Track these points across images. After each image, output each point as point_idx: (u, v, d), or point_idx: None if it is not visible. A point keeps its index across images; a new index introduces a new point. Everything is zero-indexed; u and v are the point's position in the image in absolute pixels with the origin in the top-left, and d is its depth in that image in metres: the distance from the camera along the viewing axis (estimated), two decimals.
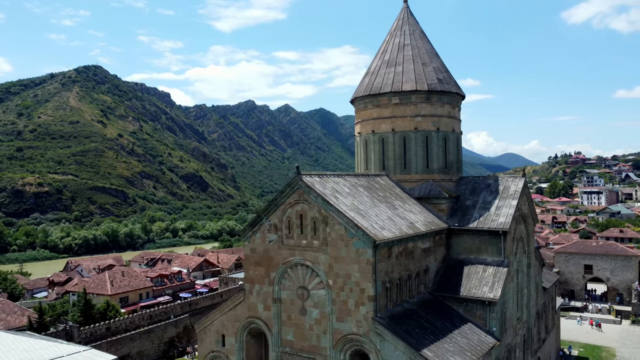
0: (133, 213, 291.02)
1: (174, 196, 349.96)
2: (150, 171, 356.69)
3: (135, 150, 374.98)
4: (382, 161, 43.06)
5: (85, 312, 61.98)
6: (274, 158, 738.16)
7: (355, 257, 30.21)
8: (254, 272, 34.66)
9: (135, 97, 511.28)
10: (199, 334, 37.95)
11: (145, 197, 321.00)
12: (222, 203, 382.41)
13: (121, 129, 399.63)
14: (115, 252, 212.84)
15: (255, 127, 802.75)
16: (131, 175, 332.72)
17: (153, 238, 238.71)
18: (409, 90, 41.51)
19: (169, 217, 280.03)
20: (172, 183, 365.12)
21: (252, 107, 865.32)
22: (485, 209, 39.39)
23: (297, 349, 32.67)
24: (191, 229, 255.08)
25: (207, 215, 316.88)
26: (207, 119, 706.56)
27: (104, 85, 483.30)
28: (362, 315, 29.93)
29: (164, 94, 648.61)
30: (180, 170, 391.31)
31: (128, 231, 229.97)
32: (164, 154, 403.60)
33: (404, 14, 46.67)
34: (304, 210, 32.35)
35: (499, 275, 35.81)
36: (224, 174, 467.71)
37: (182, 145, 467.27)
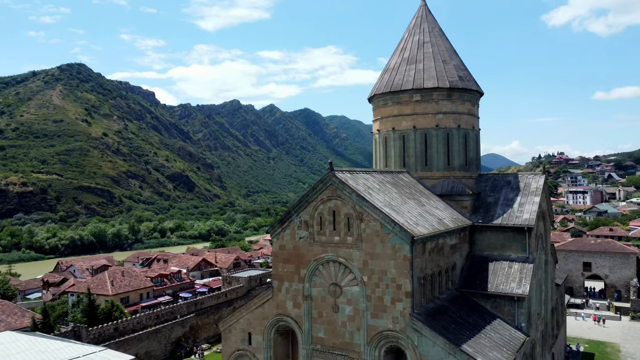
0: (119, 213, 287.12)
1: (161, 196, 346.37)
2: (136, 171, 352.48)
3: (121, 149, 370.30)
4: (403, 158, 43.03)
5: (90, 313, 60.83)
6: (260, 158, 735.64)
7: (392, 253, 30.07)
8: (282, 269, 34.31)
9: (119, 95, 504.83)
10: (224, 333, 37.46)
11: (131, 197, 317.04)
12: (209, 203, 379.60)
13: (106, 128, 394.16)
14: (103, 253, 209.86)
15: (240, 126, 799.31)
16: (117, 174, 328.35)
17: (141, 238, 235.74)
18: (431, 88, 41.54)
19: (157, 217, 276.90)
20: (159, 183, 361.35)
21: (237, 107, 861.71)
22: (508, 206, 39.62)
23: (329, 346, 32.42)
24: (179, 229, 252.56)
25: (194, 215, 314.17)
26: (192, 118, 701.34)
27: (88, 83, 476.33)
28: (399, 312, 29.80)
29: (148, 93, 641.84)
30: (166, 170, 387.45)
31: (115, 231, 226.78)
32: (149, 154, 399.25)
33: (422, 12, 46.70)
34: (337, 206, 32.12)
35: (525, 271, 36.03)
36: (210, 173, 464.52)
37: (168, 145, 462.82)
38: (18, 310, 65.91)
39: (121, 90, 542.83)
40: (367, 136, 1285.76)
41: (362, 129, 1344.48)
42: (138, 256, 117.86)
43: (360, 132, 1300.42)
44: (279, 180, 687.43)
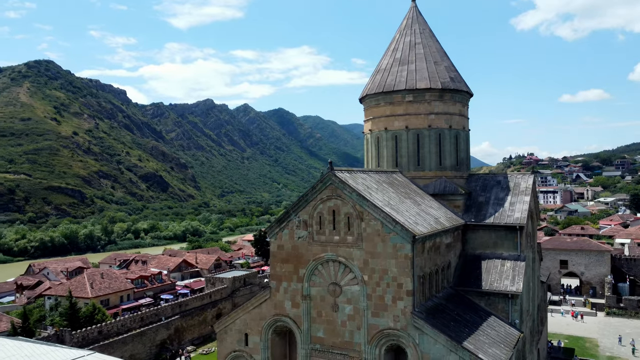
0: (91, 214, 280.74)
1: (134, 196, 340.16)
2: (107, 170, 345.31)
3: (92, 148, 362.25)
4: (395, 158, 43.38)
5: (71, 316, 59.34)
6: (234, 158, 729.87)
7: (393, 253, 30.30)
8: (280, 269, 34.17)
9: (90, 93, 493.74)
10: (219, 334, 37.06)
11: (103, 198, 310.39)
12: (183, 203, 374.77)
13: (76, 126, 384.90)
14: (75, 255, 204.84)
15: (214, 126, 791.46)
16: (88, 174, 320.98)
17: (114, 239, 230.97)
18: (423, 88, 42.01)
19: (130, 217, 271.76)
20: (131, 183, 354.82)
21: (211, 106, 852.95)
22: (499, 205, 40.39)
23: (329, 346, 32.44)
24: (154, 229, 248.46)
25: (168, 215, 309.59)
26: (164, 117, 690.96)
27: (57, 81, 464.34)
28: (400, 310, 30.05)
29: (119, 91, 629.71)
30: (139, 169, 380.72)
31: (88, 232, 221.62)
32: (121, 153, 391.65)
33: (413, 13, 47.20)
34: (337, 205, 32.19)
35: (517, 269, 36.80)
36: (184, 173, 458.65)
37: (140, 144, 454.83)
38: None
39: (91, 88, 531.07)
40: (341, 136, 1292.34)
41: (336, 129, 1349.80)
42: (115, 257, 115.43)
43: (334, 133, 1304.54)
44: (254, 181, 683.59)
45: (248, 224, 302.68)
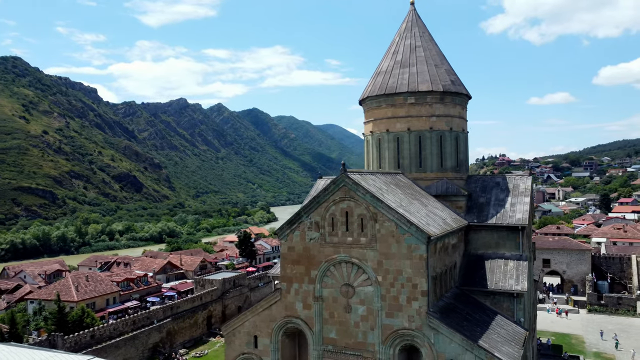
0: (63, 215, 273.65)
1: (107, 197, 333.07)
2: (79, 170, 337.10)
3: (63, 148, 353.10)
4: (397, 159, 43.83)
5: (60, 320, 57.89)
6: (208, 158, 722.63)
7: (407, 253, 30.64)
8: (291, 270, 34.14)
9: (59, 91, 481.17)
10: (227, 337, 36.80)
11: (75, 198, 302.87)
12: (158, 204, 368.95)
13: (46, 125, 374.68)
14: (48, 257, 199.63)
15: (187, 126, 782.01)
16: (59, 174, 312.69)
17: (88, 241, 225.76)
18: (425, 91, 42.57)
19: (104, 219, 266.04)
20: (104, 183, 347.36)
21: (185, 106, 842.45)
22: (500, 206, 41.25)
23: (341, 347, 32.59)
24: (129, 231, 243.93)
25: (143, 216, 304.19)
26: (136, 116, 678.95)
27: (25, 78, 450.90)
28: (415, 310, 30.41)
29: (90, 90, 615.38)
30: (112, 169, 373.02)
31: (61, 234, 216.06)
32: (93, 153, 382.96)
33: (412, 16, 47.74)
34: (350, 207, 32.36)
35: (520, 268, 37.69)
36: (157, 173, 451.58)
37: (113, 144, 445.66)
38: None
39: (61, 86, 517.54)
40: (315, 137, 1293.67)
41: (311, 129, 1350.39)
42: (95, 260, 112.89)
43: (308, 133, 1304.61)
44: (228, 181, 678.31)
45: (225, 225, 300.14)
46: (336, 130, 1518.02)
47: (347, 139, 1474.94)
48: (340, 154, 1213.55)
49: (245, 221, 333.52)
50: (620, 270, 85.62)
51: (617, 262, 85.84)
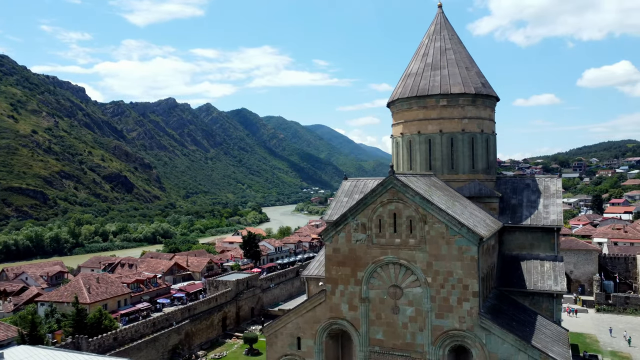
0: (54, 216, 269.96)
1: (98, 197, 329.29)
2: (70, 171, 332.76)
3: (53, 148, 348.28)
4: (429, 161, 44.09)
5: (79, 323, 57.23)
6: (197, 158, 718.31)
7: (458, 255, 30.89)
8: (336, 272, 34.23)
9: (47, 90, 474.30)
10: (269, 338, 36.73)
11: (66, 199, 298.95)
12: (149, 204, 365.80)
13: (35, 124, 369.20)
14: (41, 258, 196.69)
15: (176, 126, 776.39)
16: (49, 175, 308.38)
17: (82, 242, 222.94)
18: (457, 93, 42.90)
19: (97, 219, 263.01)
20: (95, 184, 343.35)
21: (173, 105, 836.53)
22: (533, 208, 41.73)
23: (389, 348, 32.74)
24: (123, 231, 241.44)
25: (135, 217, 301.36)
26: (125, 116, 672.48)
27: (12, 76, 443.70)
28: (466, 311, 30.67)
29: (78, 89, 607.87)
30: (102, 170, 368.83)
31: (54, 235, 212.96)
32: (83, 153, 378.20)
33: (440, 19, 48.06)
34: (399, 209, 32.53)
35: (557, 269, 38.19)
36: (148, 174, 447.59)
37: (102, 144, 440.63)
38: None
39: (49, 85, 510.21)
40: (304, 137, 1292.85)
41: (300, 130, 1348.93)
42: (99, 261, 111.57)
43: (297, 133, 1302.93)
44: (218, 181, 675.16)
45: (218, 226, 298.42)
46: (325, 131, 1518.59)
47: (335, 140, 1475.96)
48: (329, 154, 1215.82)
49: (238, 222, 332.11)
50: (625, 270, 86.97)
51: (623, 262, 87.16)
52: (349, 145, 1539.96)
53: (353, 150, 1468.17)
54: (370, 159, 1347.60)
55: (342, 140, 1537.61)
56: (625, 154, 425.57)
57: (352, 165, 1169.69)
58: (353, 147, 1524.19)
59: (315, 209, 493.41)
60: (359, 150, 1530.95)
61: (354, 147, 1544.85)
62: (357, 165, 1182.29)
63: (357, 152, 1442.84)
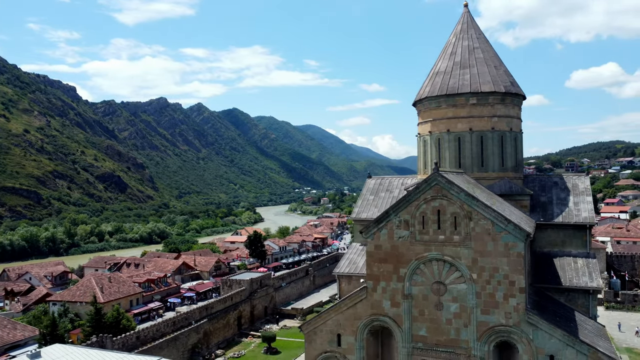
0: (49, 216, 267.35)
1: (91, 197, 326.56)
2: (63, 170, 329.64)
3: (45, 147, 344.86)
4: (458, 159, 44.33)
5: (98, 322, 56.81)
6: (189, 158, 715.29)
7: (504, 251, 31.14)
8: (378, 269, 34.32)
9: (38, 89, 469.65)
10: (308, 335, 36.71)
11: (60, 199, 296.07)
12: (143, 204, 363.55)
13: (27, 124, 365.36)
14: (36, 259, 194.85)
15: (168, 125, 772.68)
16: (42, 174, 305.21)
17: (78, 242, 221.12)
18: (488, 92, 43.13)
19: (93, 219, 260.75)
20: (88, 183, 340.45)
21: (165, 105, 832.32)
22: (564, 205, 42.12)
23: (432, 344, 32.90)
24: (119, 232, 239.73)
25: (130, 217, 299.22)
26: (116, 115, 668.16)
27: (3, 75, 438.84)
28: (512, 307, 30.90)
29: (68, 88, 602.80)
30: (95, 169, 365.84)
31: (50, 235, 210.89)
32: (76, 152, 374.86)
33: (466, 18, 48.37)
34: (443, 205, 32.71)
35: (591, 266, 38.56)
36: (141, 174, 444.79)
37: (95, 143, 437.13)
38: (7, 322, 60.52)
39: (39, 84, 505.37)
40: (295, 137, 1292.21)
41: (291, 130, 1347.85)
42: (105, 261, 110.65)
43: (288, 133, 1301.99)
44: (210, 181, 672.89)
45: (214, 226, 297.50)
46: (315, 131, 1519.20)
47: (326, 140, 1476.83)
48: (320, 154, 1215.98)
49: (233, 222, 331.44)
50: (632, 268, 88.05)
51: (629, 261, 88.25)
52: (340, 145, 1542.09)
53: (344, 150, 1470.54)
54: (362, 159, 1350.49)
55: (333, 141, 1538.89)
56: (617, 154, 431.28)
57: (343, 165, 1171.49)
58: (344, 148, 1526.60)
59: (308, 209, 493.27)
60: (350, 150, 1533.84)
61: (344, 147, 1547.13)
62: (349, 165, 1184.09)
63: (348, 153, 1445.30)
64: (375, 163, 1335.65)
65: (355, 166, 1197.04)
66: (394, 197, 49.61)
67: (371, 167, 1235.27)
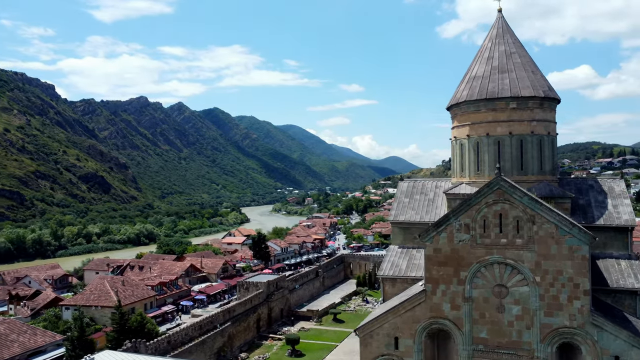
0: (32, 217, 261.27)
1: (75, 198, 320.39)
2: (45, 170, 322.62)
3: (26, 147, 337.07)
4: (498, 163, 44.85)
5: (122, 327, 55.96)
6: (171, 158, 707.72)
7: (569, 254, 31.74)
8: (437, 272, 34.62)
9: (17, 87, 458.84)
10: (363, 338, 36.78)
11: (43, 199, 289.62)
12: (127, 205, 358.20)
13: (6, 123, 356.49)
14: (23, 261, 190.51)
15: (149, 125, 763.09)
16: (24, 175, 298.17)
17: (65, 244, 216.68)
18: (527, 96, 43.80)
19: (79, 221, 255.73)
20: (72, 184, 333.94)
21: (145, 104, 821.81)
22: (603, 208, 42.99)
23: (493, 346, 33.32)
24: (106, 233, 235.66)
25: (116, 218, 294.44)
26: (96, 115, 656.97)
27: None
28: (576, 309, 31.55)
29: (47, 86, 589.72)
30: (78, 170, 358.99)
31: (36, 237, 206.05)
32: (58, 152, 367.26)
33: (501, 23, 49.01)
34: (505, 209, 33.18)
35: (634, 267, 39.41)
36: (124, 174, 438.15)
37: (76, 143, 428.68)
38: (27, 328, 59.19)
39: (18, 82, 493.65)
40: (276, 137, 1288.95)
41: (272, 130, 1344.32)
42: (108, 263, 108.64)
43: (269, 133, 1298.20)
44: (192, 182, 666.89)
45: (201, 226, 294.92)
46: (296, 131, 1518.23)
47: (307, 140, 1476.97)
48: (302, 154, 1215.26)
49: (220, 222, 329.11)
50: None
51: None
52: (321, 145, 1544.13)
53: (325, 150, 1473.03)
54: (343, 159, 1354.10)
55: (314, 141, 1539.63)
56: (595, 155, 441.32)
57: (325, 165, 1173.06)
58: (325, 148, 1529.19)
59: (293, 209, 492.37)
60: (331, 150, 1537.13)
61: (325, 147, 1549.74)
62: (330, 165, 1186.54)
63: (329, 153, 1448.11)
64: (356, 163, 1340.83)
65: (336, 166, 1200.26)
66: (429, 199, 50.10)
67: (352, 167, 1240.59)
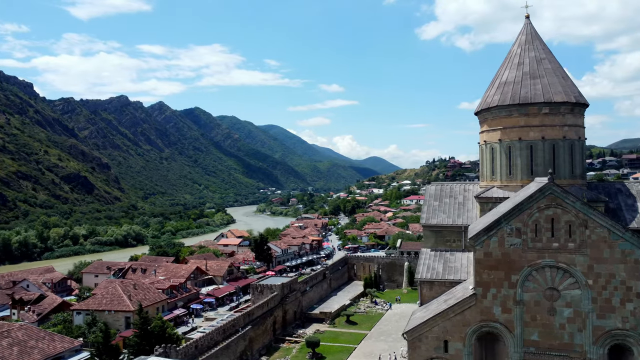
0: (15, 218, 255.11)
1: (58, 199, 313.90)
2: (27, 171, 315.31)
3: (7, 146, 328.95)
4: (530, 167, 45.68)
5: (145, 332, 55.16)
6: (152, 158, 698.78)
7: (621, 258, 32.48)
8: (488, 276, 35.05)
9: None
10: (411, 342, 37.02)
11: (26, 200, 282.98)
12: (111, 206, 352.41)
13: None
14: (9, 264, 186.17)
15: (129, 124, 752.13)
16: (6, 175, 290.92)
17: (51, 246, 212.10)
18: (560, 102, 44.69)
19: (65, 222, 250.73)
20: (54, 184, 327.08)
21: (126, 103, 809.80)
22: (633, 211, 44.08)
23: (545, 348, 33.89)
24: (93, 234, 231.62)
25: (101, 219, 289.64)
26: (76, 114, 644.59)
27: None
28: (629, 312, 32.30)
29: (25, 84, 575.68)
30: (60, 170, 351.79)
31: (22, 239, 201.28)
32: (39, 152, 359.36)
33: (529, 29, 49.85)
34: (557, 214, 33.75)
35: None
36: (106, 174, 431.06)
37: (57, 143, 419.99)
38: (45, 334, 57.80)
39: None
40: (258, 137, 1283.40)
41: (253, 130, 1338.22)
42: (108, 266, 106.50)
43: (251, 134, 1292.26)
44: (174, 182, 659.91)
45: (189, 228, 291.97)
46: (278, 131, 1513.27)
47: (288, 140, 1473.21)
48: (284, 154, 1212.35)
49: (207, 223, 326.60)
50: None
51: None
52: (302, 145, 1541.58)
53: (306, 150, 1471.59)
54: (324, 159, 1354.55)
55: (295, 141, 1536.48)
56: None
57: (307, 166, 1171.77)
58: (306, 148, 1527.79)
59: (278, 209, 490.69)
60: (313, 150, 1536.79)
61: (307, 147, 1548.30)
62: (312, 166, 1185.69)
63: (310, 153, 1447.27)
64: (337, 163, 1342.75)
65: (318, 166, 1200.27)
66: (459, 202, 50.74)
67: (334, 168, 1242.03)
